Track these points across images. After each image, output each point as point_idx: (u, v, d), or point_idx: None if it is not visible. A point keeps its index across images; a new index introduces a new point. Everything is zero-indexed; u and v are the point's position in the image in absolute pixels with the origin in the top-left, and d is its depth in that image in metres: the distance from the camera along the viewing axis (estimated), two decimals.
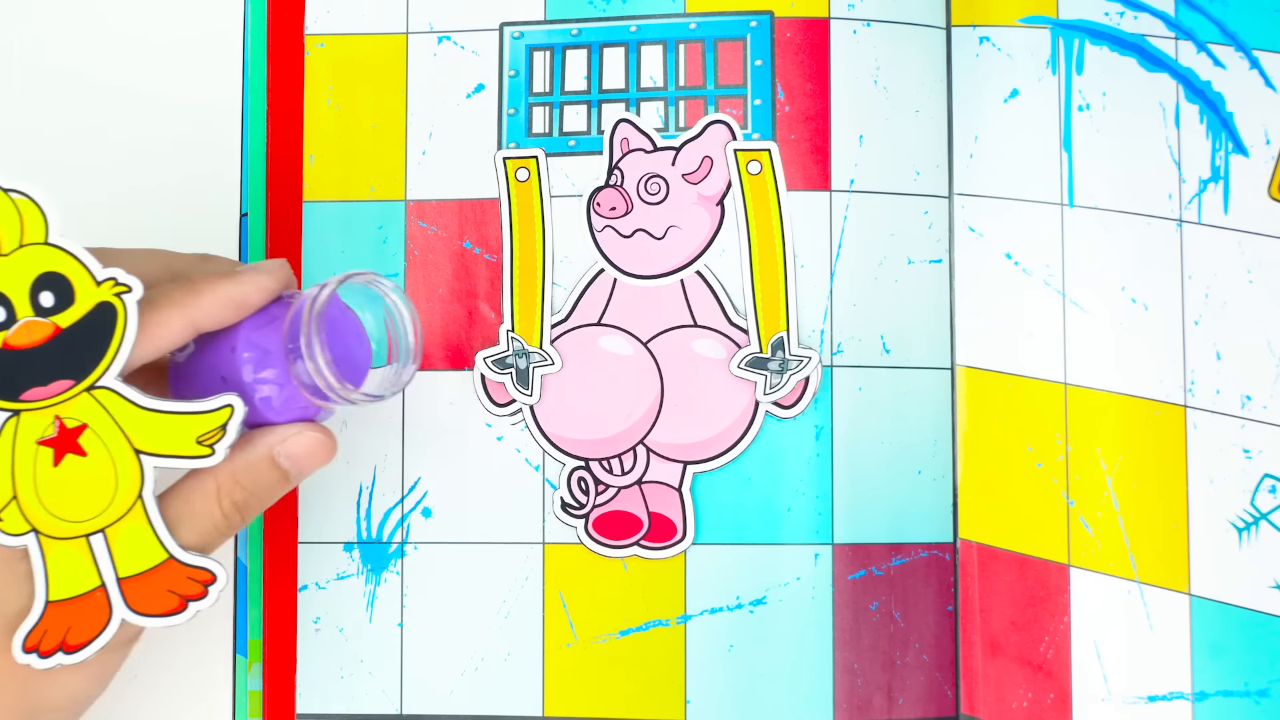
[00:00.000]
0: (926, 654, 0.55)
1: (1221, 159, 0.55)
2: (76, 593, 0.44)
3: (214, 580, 0.45)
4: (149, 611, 0.45)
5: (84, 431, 0.44)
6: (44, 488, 0.44)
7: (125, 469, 0.44)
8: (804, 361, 0.55)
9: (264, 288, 0.47)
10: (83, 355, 0.43)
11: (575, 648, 0.55)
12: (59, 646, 0.44)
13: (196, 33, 0.59)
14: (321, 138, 0.57)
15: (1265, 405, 0.54)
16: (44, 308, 0.43)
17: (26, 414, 0.43)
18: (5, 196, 0.42)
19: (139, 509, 0.44)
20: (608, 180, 0.56)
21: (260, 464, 0.46)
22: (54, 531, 0.44)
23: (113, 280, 0.43)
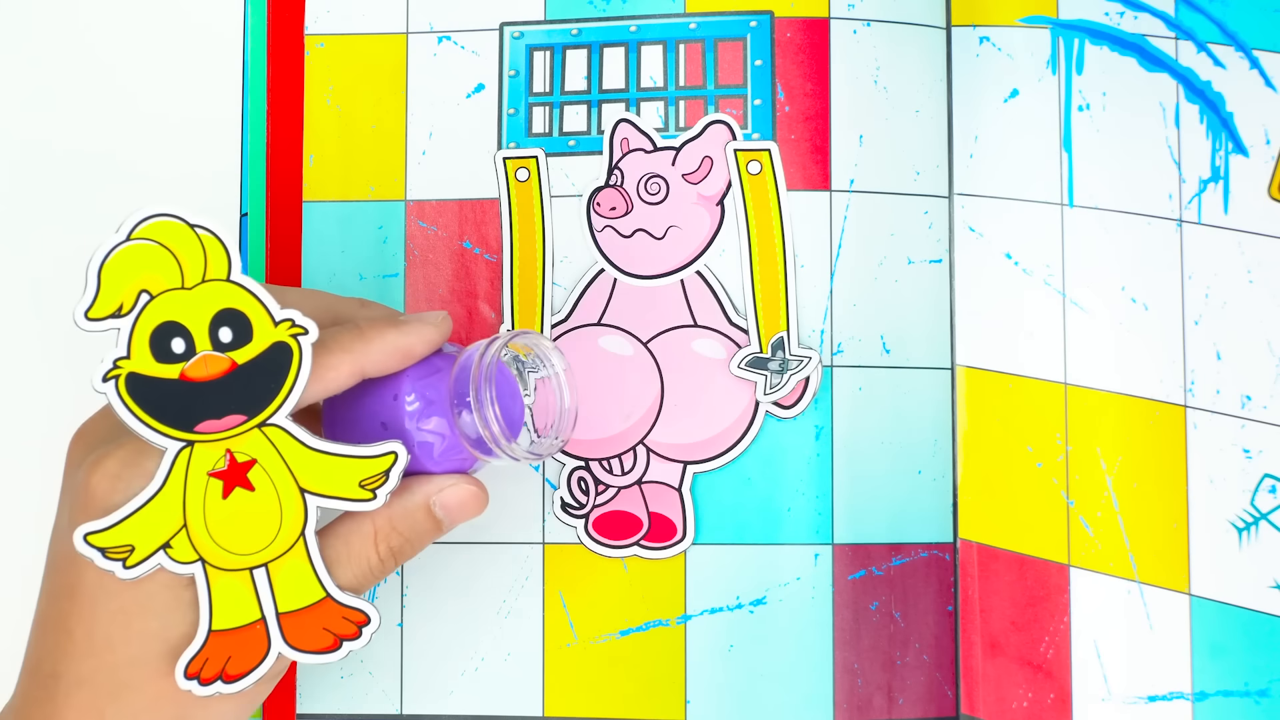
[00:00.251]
0: (926, 654, 0.55)
1: (1221, 159, 0.55)
2: (238, 624, 0.45)
3: (368, 622, 0.46)
4: (305, 648, 0.45)
5: (253, 467, 0.45)
6: (212, 519, 0.44)
7: (290, 506, 0.45)
8: (804, 361, 0.55)
9: (429, 339, 0.48)
10: (256, 392, 0.44)
11: (575, 648, 0.55)
12: (219, 675, 0.45)
13: (196, 32, 0.59)
14: (321, 138, 0.57)
15: (1265, 405, 0.54)
16: (222, 343, 0.44)
17: (200, 446, 0.44)
18: (192, 232, 0.43)
19: (301, 547, 0.45)
20: (608, 180, 0.56)
21: (417, 512, 0.48)
22: (220, 563, 0.45)
23: (290, 321, 0.44)
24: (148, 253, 0.43)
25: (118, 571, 0.44)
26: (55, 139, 0.59)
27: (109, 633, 0.45)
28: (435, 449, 0.48)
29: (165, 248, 0.43)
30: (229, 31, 0.58)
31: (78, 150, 0.59)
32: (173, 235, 0.43)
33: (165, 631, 0.45)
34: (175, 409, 0.44)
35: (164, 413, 0.44)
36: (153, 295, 0.43)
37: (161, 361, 0.44)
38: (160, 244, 0.43)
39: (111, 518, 0.44)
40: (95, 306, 0.43)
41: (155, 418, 0.44)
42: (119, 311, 0.43)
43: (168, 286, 0.43)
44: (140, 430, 0.44)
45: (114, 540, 0.44)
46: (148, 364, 0.44)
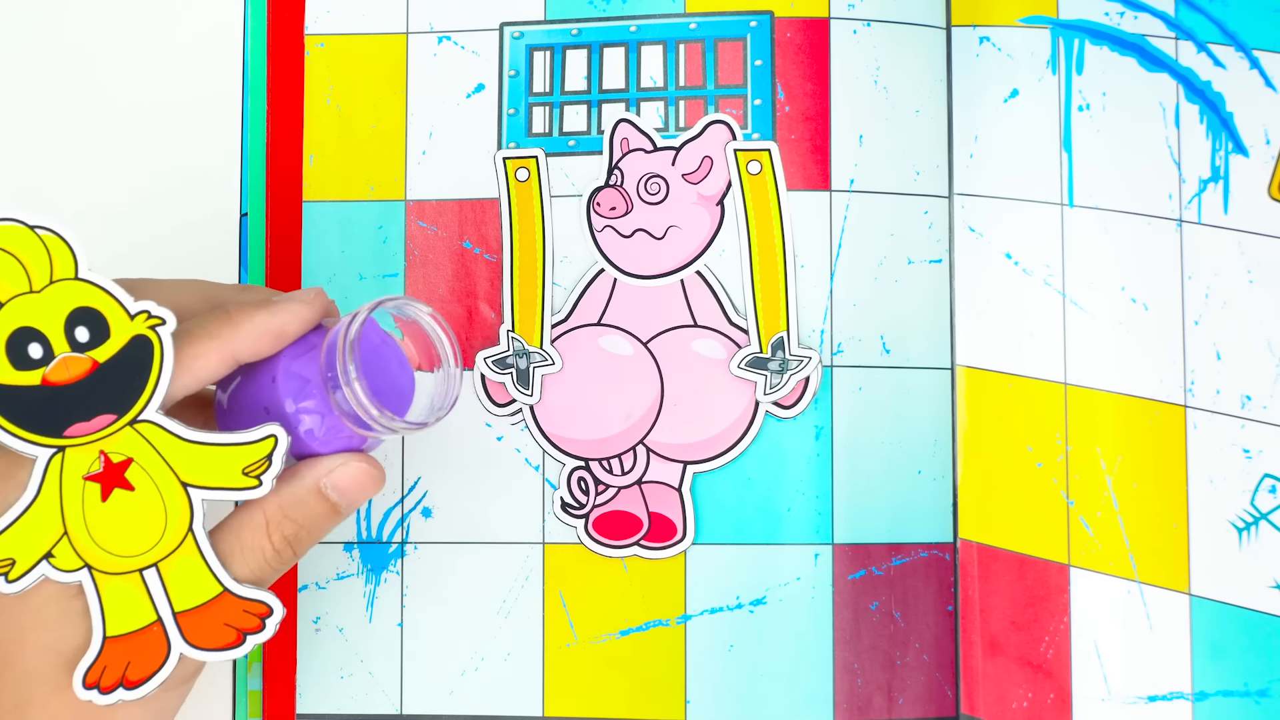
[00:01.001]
0: (926, 654, 0.55)
1: (1221, 159, 0.55)
2: (133, 628, 0.44)
3: (270, 613, 0.45)
4: (206, 646, 0.44)
5: (130, 466, 0.44)
6: (94, 523, 0.44)
7: (174, 502, 0.44)
8: (804, 361, 0.55)
9: (301, 317, 0.46)
10: (123, 389, 0.43)
11: (575, 648, 0.55)
12: (119, 682, 0.44)
13: (196, 33, 0.59)
14: (321, 138, 0.57)
15: (1265, 405, 0.54)
16: (80, 343, 0.43)
17: (71, 450, 0.43)
18: (31, 233, 0.42)
19: (190, 542, 0.44)
20: (608, 180, 0.56)
21: (308, 496, 0.46)
22: (107, 567, 0.44)
23: (146, 313, 0.43)
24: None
25: (1, 586, 0.43)
26: (55, 138, 0.59)
27: (4, 650, 0.44)
28: (317, 430, 0.46)
29: (7, 252, 0.42)
30: (229, 31, 0.58)
31: (78, 150, 0.59)
32: (13, 239, 0.42)
33: (60, 644, 0.44)
34: (41, 415, 0.43)
35: (30, 420, 0.43)
36: (1, 303, 0.42)
37: (20, 369, 0.43)
38: (1, 249, 0.42)
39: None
40: None
41: (22, 426, 0.43)
42: None
43: (16, 292, 0.42)
44: (7, 441, 0.43)
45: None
46: (7, 373, 0.42)
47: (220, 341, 0.45)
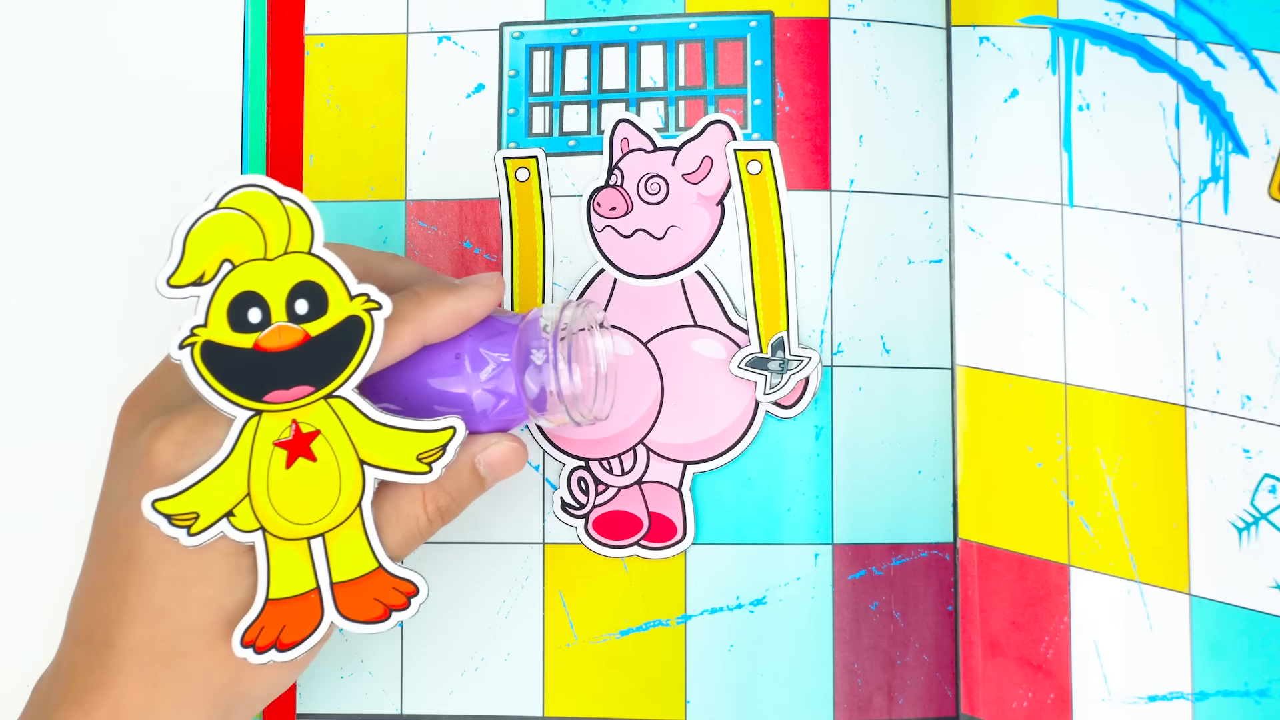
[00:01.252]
0: (926, 654, 0.55)
1: (1221, 159, 0.55)
2: (293, 592, 0.45)
3: (416, 592, 0.46)
4: (356, 618, 0.46)
5: (316, 437, 0.45)
6: (275, 489, 0.45)
7: (349, 477, 0.45)
8: (804, 361, 0.55)
9: (487, 302, 0.48)
10: (326, 364, 0.44)
11: (575, 648, 0.55)
12: (273, 644, 0.45)
13: (196, 32, 0.59)
14: (321, 138, 0.57)
15: (1265, 405, 0.54)
16: (298, 315, 0.44)
17: (267, 415, 0.45)
18: (279, 204, 0.44)
19: (356, 517, 0.45)
20: (608, 180, 0.56)
21: (463, 470, 0.48)
22: (280, 532, 0.45)
23: (365, 296, 0.44)
24: (233, 222, 0.44)
25: (182, 539, 0.44)
26: (56, 138, 0.59)
27: (166, 600, 0.45)
28: (490, 410, 0.48)
29: (251, 218, 0.44)
30: (229, 32, 0.58)
31: (78, 149, 0.59)
32: (260, 206, 0.44)
33: (222, 599, 0.45)
34: (246, 378, 0.44)
35: (235, 381, 0.44)
36: (234, 264, 0.44)
37: (237, 330, 0.44)
38: (246, 214, 0.44)
39: (179, 485, 0.44)
40: (178, 274, 0.44)
41: (227, 386, 0.44)
42: (200, 279, 0.44)
43: (250, 256, 0.44)
44: (212, 398, 0.44)
45: (180, 507, 0.44)
46: (224, 333, 0.44)
47: (414, 324, 0.46)
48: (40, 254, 0.58)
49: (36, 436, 0.58)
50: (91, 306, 0.58)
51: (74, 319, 0.58)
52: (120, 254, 0.58)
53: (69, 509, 0.57)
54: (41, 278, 0.58)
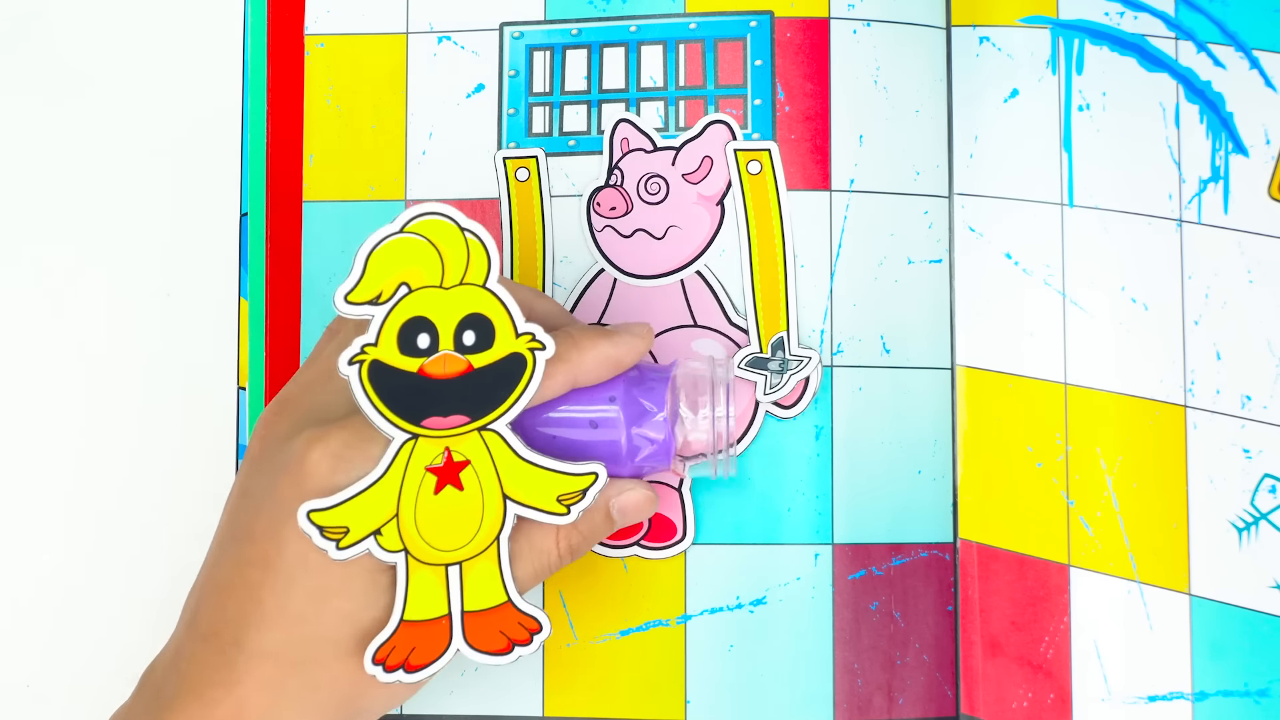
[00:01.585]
0: (926, 654, 0.55)
1: (1221, 159, 0.55)
2: (427, 616, 0.46)
3: (540, 630, 0.47)
4: (481, 648, 0.46)
5: (466, 467, 0.46)
6: (422, 513, 0.45)
7: (492, 510, 0.46)
8: (804, 361, 0.55)
9: (638, 351, 0.49)
10: (485, 397, 0.45)
11: (575, 648, 0.55)
12: (402, 664, 0.46)
13: (196, 33, 0.59)
14: (321, 138, 0.57)
15: (1265, 405, 0.54)
16: (464, 345, 0.45)
17: (423, 440, 0.45)
18: (460, 234, 0.45)
19: (494, 550, 0.46)
20: (608, 180, 0.56)
21: (597, 512, 0.49)
22: (421, 555, 0.46)
23: (530, 335, 0.45)
24: (415, 247, 0.45)
25: (331, 551, 0.45)
26: (56, 138, 0.59)
27: (303, 608, 0.46)
28: (641, 453, 0.49)
29: (433, 245, 0.45)
30: (229, 32, 0.58)
31: (78, 149, 0.59)
32: (442, 234, 0.45)
33: (358, 614, 0.46)
34: (407, 401, 0.45)
35: (396, 403, 0.45)
36: (411, 289, 0.45)
37: (405, 354, 0.45)
38: (429, 240, 0.45)
39: (335, 497, 0.45)
40: (356, 291, 0.44)
41: (388, 406, 0.45)
42: (377, 299, 0.45)
43: (426, 283, 0.45)
44: (373, 416, 0.45)
45: (333, 520, 0.45)
46: (392, 354, 0.45)
47: (568, 366, 0.47)
48: (40, 254, 0.58)
49: (35, 437, 0.58)
50: (91, 306, 0.58)
51: (74, 319, 0.58)
52: (120, 254, 0.58)
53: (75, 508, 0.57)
54: (41, 277, 0.58)
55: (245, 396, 0.57)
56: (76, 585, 0.57)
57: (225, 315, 0.58)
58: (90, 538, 0.57)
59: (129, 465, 0.57)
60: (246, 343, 0.57)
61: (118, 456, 0.57)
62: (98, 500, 0.57)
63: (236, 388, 0.57)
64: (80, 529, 0.57)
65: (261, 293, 0.57)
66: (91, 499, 0.57)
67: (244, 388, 0.57)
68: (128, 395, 0.58)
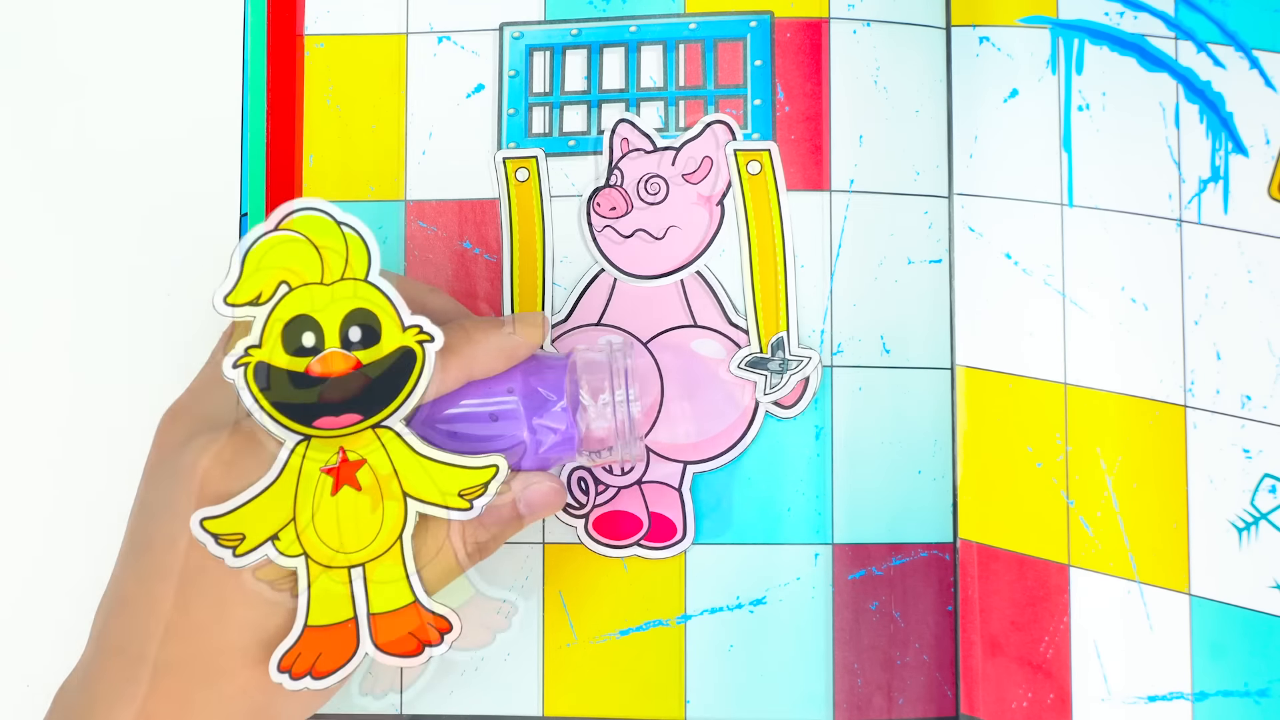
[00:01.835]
0: (926, 654, 0.55)
1: (1221, 159, 0.55)
2: (331, 621, 0.45)
3: (450, 629, 0.46)
4: (390, 650, 0.46)
5: (362, 467, 0.45)
6: (319, 516, 0.45)
7: (392, 509, 0.45)
8: (804, 362, 0.55)
9: (533, 340, 0.49)
10: (376, 394, 0.45)
11: (575, 647, 0.55)
12: (309, 671, 0.45)
13: (197, 32, 0.59)
14: (321, 138, 0.57)
15: (1265, 405, 0.54)
16: (351, 342, 0.44)
17: (315, 441, 0.45)
18: (337, 228, 0.44)
19: (397, 550, 0.46)
20: (607, 180, 0.56)
21: (503, 508, 0.48)
22: (321, 559, 0.45)
23: (418, 328, 0.45)
24: (292, 245, 0.44)
25: (227, 559, 0.44)
26: (56, 138, 0.59)
27: (205, 619, 0.45)
28: (544, 444, 0.48)
29: (310, 241, 0.44)
30: (229, 32, 0.58)
31: (78, 149, 0.59)
32: (319, 230, 0.44)
33: (262, 622, 0.45)
34: (297, 403, 0.44)
35: (286, 405, 0.44)
36: (291, 287, 0.44)
37: (290, 354, 0.44)
38: (306, 238, 0.44)
39: (228, 504, 0.44)
40: (235, 292, 0.44)
41: (277, 409, 0.44)
42: (257, 300, 0.44)
43: (307, 280, 0.44)
44: (263, 420, 0.44)
45: (227, 527, 0.44)
46: (277, 355, 0.44)
47: (461, 359, 0.47)
48: (39, 254, 0.58)
49: (34, 437, 0.58)
50: (90, 306, 0.58)
51: (73, 318, 0.58)
52: (120, 254, 0.58)
53: (72, 511, 0.57)
54: (40, 277, 0.58)
55: None
56: (76, 585, 0.56)
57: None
58: (89, 537, 0.57)
59: (128, 465, 0.57)
60: None
61: (117, 456, 0.57)
62: (97, 500, 0.57)
63: None
64: (79, 528, 0.57)
65: None
66: (91, 499, 0.57)
67: None
68: (128, 395, 0.58)
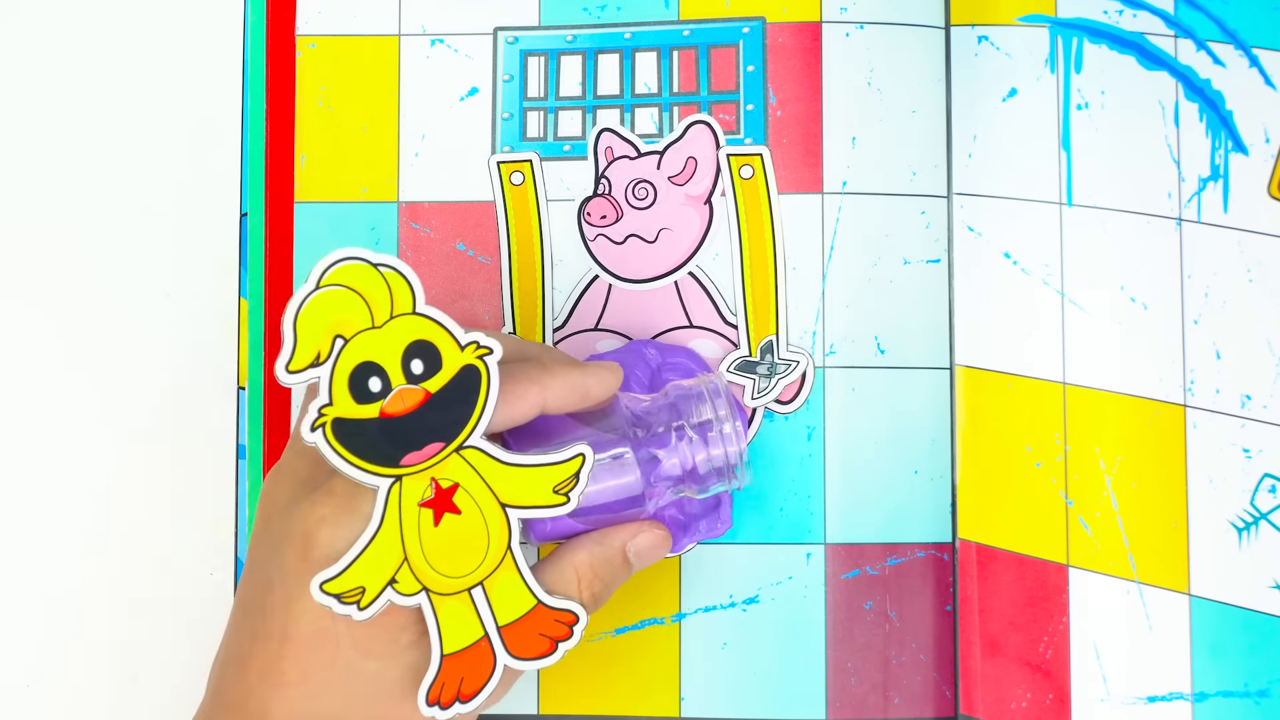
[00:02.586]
0: (924, 654, 0.55)
1: (1221, 157, 0.54)
2: (465, 644, 0.46)
3: (577, 621, 0.47)
4: (525, 655, 0.46)
5: (457, 491, 0.45)
6: (428, 547, 0.45)
7: (495, 523, 0.46)
8: (793, 365, 0.55)
9: (606, 383, 0.49)
10: (451, 417, 0.45)
11: None
12: (456, 697, 0.46)
13: (197, 33, 0.59)
14: (313, 138, 0.57)
15: (1265, 405, 0.53)
16: (415, 375, 0.44)
17: (408, 479, 0.45)
18: (375, 271, 0.44)
19: (509, 560, 0.46)
20: (595, 189, 0.56)
21: (615, 559, 0.49)
22: (440, 588, 0.45)
23: (475, 344, 0.45)
24: (338, 298, 0.44)
25: (354, 614, 0.44)
26: (57, 139, 0.59)
27: (327, 676, 0.46)
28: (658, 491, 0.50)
29: (354, 290, 0.44)
30: (229, 32, 0.59)
31: (78, 149, 0.59)
32: (359, 277, 0.44)
33: (384, 672, 0.46)
34: (380, 446, 0.44)
35: (369, 452, 0.44)
36: (346, 339, 0.44)
37: (361, 402, 0.44)
38: (348, 288, 0.44)
39: (340, 564, 0.44)
40: (294, 359, 0.44)
41: (362, 458, 0.44)
42: (317, 360, 0.44)
43: (360, 328, 0.44)
44: (352, 473, 0.44)
45: (346, 585, 0.44)
46: (349, 407, 0.44)
47: (539, 387, 0.47)
48: (39, 253, 0.59)
49: (34, 437, 0.58)
50: (90, 306, 0.58)
51: (73, 318, 0.58)
52: (119, 254, 0.58)
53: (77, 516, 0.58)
54: (40, 277, 0.59)
55: (245, 396, 0.57)
56: (75, 584, 0.57)
57: (225, 315, 0.58)
58: (88, 536, 0.57)
59: (128, 464, 0.58)
60: (246, 343, 0.58)
61: (117, 456, 0.58)
62: (96, 499, 0.57)
63: (236, 387, 0.58)
64: (78, 528, 0.58)
65: (260, 293, 0.57)
66: (90, 498, 0.58)
67: (244, 387, 0.57)
68: (128, 395, 0.58)
